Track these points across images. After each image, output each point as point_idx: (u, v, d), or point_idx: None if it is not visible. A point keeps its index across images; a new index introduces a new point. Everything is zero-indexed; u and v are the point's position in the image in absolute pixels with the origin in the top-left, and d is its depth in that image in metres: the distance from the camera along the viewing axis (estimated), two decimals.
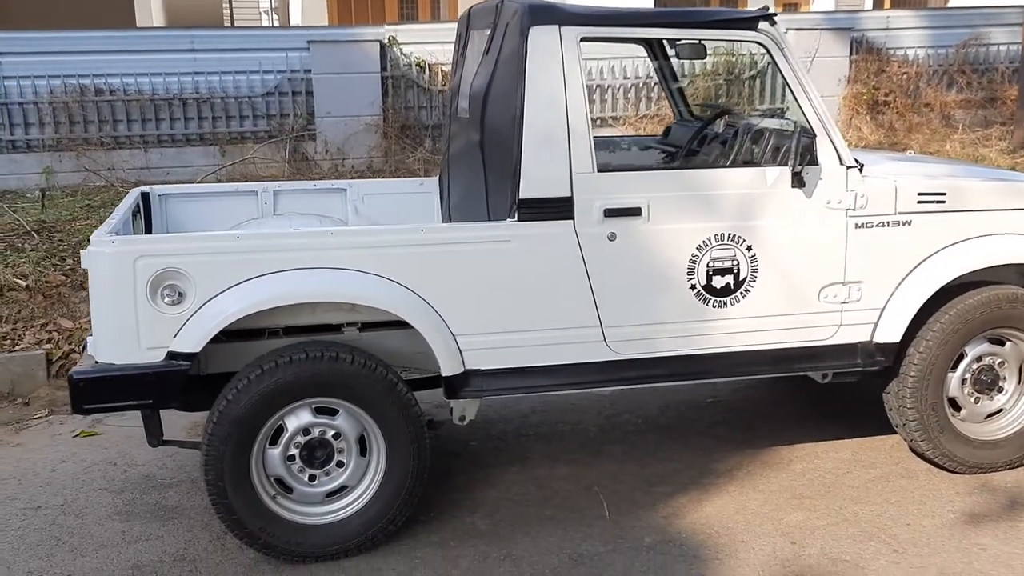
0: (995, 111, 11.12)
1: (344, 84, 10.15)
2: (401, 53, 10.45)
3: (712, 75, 10.84)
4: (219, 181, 9.42)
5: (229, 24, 22.69)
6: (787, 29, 11.03)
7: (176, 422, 4.40)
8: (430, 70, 10.46)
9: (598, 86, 10.78)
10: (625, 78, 10.79)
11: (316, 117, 10.18)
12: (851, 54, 11.10)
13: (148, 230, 4.28)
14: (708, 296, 3.61)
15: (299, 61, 10.21)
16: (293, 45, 10.28)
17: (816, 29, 10.93)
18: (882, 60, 11.23)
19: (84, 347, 3.55)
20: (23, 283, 5.72)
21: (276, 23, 23.25)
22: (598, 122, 10.87)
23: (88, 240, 3.25)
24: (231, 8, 23.68)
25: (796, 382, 4.60)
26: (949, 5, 16.61)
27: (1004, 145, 9.80)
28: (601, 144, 4.59)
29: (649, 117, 10.83)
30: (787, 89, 3.63)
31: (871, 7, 16.37)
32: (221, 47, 10.23)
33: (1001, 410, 3.97)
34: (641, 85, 10.84)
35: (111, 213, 7.21)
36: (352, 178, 9.58)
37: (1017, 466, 3.98)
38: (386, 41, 10.39)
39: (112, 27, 11.62)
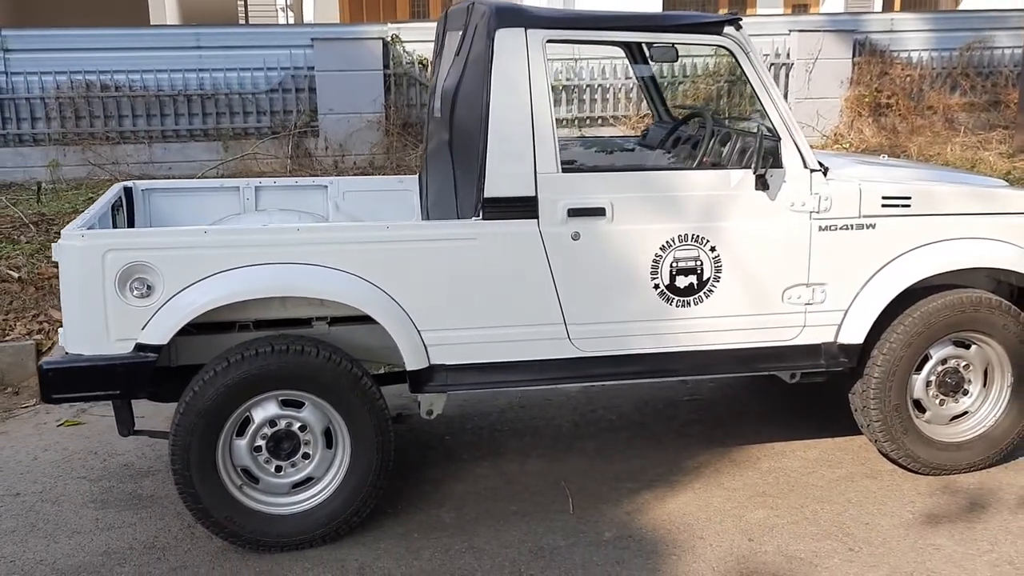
0: (998, 114, 11.09)
1: (347, 81, 10.24)
2: (404, 51, 10.53)
3: (714, 75, 10.87)
4: (221, 176, 9.54)
5: (244, 21, 22.86)
6: (790, 31, 11.04)
7: (161, 411, 4.49)
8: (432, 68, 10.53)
9: (599, 86, 10.83)
10: (627, 78, 10.83)
11: (319, 114, 10.27)
12: (854, 56, 11.10)
13: (131, 225, 4.36)
14: (671, 296, 3.66)
15: (303, 58, 10.30)
16: (297, 42, 10.38)
17: (819, 31, 10.93)
18: (885, 62, 11.22)
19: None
20: (16, 275, 5.83)
21: (291, 20, 23.39)
22: (599, 121, 10.92)
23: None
24: (246, 5, 23.84)
25: (772, 381, 4.63)
26: (962, 8, 16.55)
27: (1004, 149, 9.78)
28: (575, 144, 4.67)
29: (650, 117, 10.86)
30: (753, 92, 3.67)
31: (881, 8, 16.31)
32: (227, 44, 10.35)
33: (966, 412, 4.00)
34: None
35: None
36: (354, 174, 9.68)
37: (980, 468, 4.01)
38: (389, 39, 10.47)
39: (126, 25, 11.78)
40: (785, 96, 10.92)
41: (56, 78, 9.80)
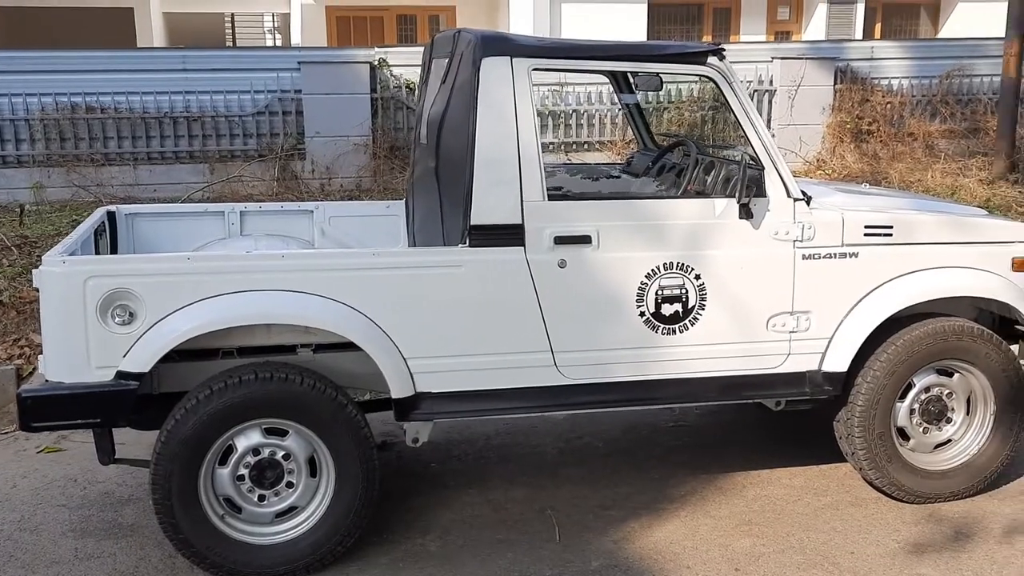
0: (977, 141, 11.20)
1: (334, 105, 10.26)
2: (391, 75, 10.56)
3: (697, 103, 10.94)
4: (207, 199, 9.52)
5: (231, 44, 22.91)
6: (773, 58, 11.14)
7: (142, 439, 4.45)
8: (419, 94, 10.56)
9: (585, 111, 10.88)
10: (613, 104, 10.88)
11: (306, 137, 10.27)
12: (835, 83, 11.20)
13: (114, 250, 4.34)
14: (657, 323, 3.66)
15: (290, 81, 10.31)
16: (284, 65, 10.40)
17: (801, 58, 11.03)
18: (866, 89, 11.33)
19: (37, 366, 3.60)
20: None
21: (279, 42, 23.44)
22: (585, 147, 10.97)
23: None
24: (233, 28, 23.89)
25: (756, 408, 4.64)
26: (943, 35, 16.75)
27: (984, 175, 9.87)
28: (561, 171, 4.68)
29: (636, 143, 10.91)
30: (736, 122, 3.69)
31: (861, 36, 16.49)
32: (213, 67, 10.36)
33: (949, 440, 4.01)
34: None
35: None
36: (340, 198, 9.67)
37: (964, 496, 4.01)
38: (376, 63, 10.50)
39: (113, 47, 11.79)
40: (768, 123, 11.01)
41: (41, 99, 9.78)
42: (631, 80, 4.70)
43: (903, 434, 3.96)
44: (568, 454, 4.60)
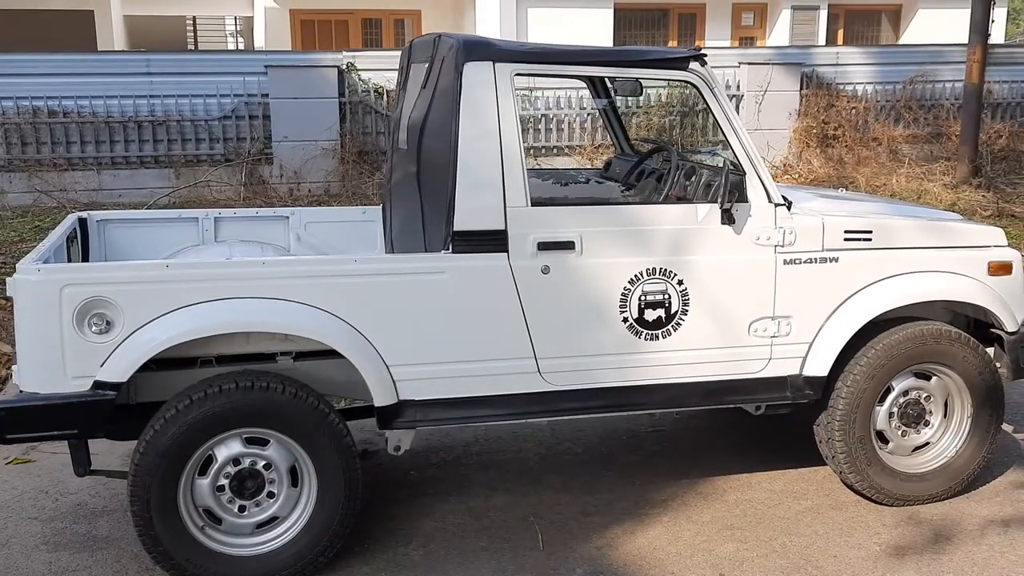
0: (940, 146, 11.38)
1: (302, 109, 10.19)
2: (359, 79, 10.51)
3: (666, 107, 10.99)
4: (173, 204, 9.41)
5: (193, 47, 22.68)
6: (740, 63, 11.24)
7: (114, 449, 4.38)
8: (388, 96, 10.51)
9: (554, 116, 10.89)
10: (582, 108, 10.92)
11: (273, 141, 10.20)
12: (801, 88, 11.33)
13: (85, 257, 4.26)
14: (640, 329, 3.66)
15: (257, 85, 10.24)
16: (251, 69, 10.32)
17: (768, 64, 11.14)
18: (832, 95, 11.47)
19: (10, 375, 3.52)
20: None
21: (241, 46, 23.25)
22: (554, 151, 10.98)
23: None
24: (195, 31, 23.66)
25: (734, 412, 4.66)
26: (897, 43, 16.99)
27: (947, 180, 10.01)
28: (540, 176, 4.67)
29: (605, 147, 10.95)
30: (718, 127, 3.70)
31: (824, 42, 16.68)
32: (178, 70, 10.25)
33: (927, 443, 4.04)
34: (597, 116, 10.95)
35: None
36: (309, 203, 9.61)
37: (942, 499, 4.05)
38: (344, 67, 10.45)
39: (73, 50, 11.61)
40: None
41: (2, 103, 9.60)
42: (608, 85, 4.70)
43: (882, 437, 3.99)
44: (548, 460, 4.59)
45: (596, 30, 15.71)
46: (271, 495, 3.43)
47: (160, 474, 3.24)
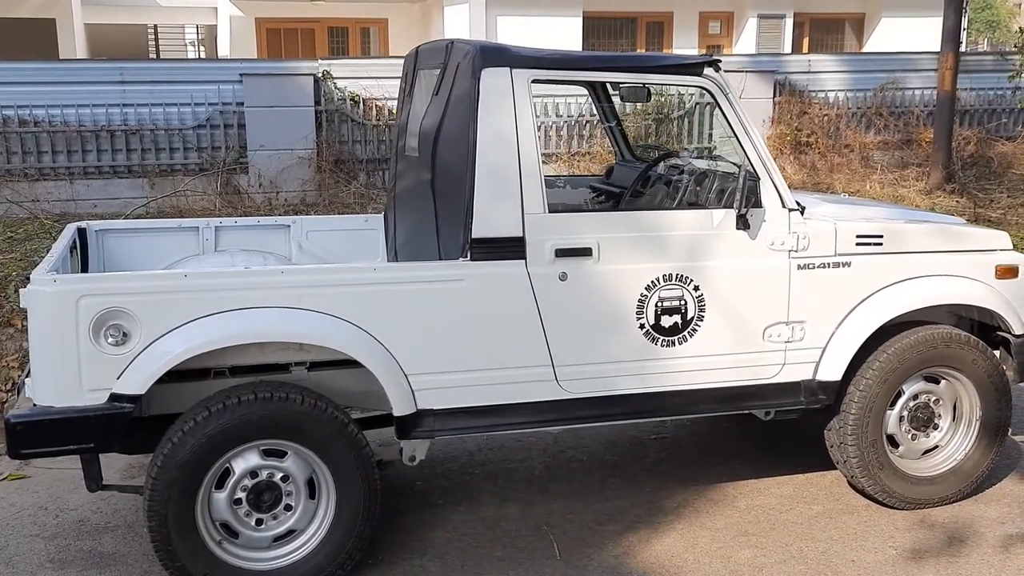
0: (911, 152, 11.54)
1: (277, 117, 10.07)
2: (335, 87, 10.41)
3: (642, 115, 11.03)
4: (148, 214, 9.25)
5: (155, 56, 22.40)
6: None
7: (110, 464, 4.27)
8: (364, 105, 10.44)
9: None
10: (558, 116, 10.92)
11: (248, 150, 10.06)
12: (775, 96, 11.42)
13: (84, 267, 4.16)
14: (657, 335, 3.65)
15: (231, 94, 10.10)
16: (225, 78, 10.17)
17: (742, 71, 11.22)
18: (804, 102, 11.58)
19: (20, 388, 3.42)
20: None
21: (203, 55, 23.00)
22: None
23: (16, 275, 3.15)
24: (157, 40, 23.37)
25: (735, 418, 4.67)
26: (867, 50, 17.24)
27: (921, 186, 10.15)
28: (549, 184, 4.64)
29: (582, 154, 10.96)
30: (732, 132, 3.71)
31: (790, 50, 16.87)
32: (151, 79, 10.07)
33: (937, 447, 4.08)
34: (574, 123, 10.97)
35: (35, 246, 6.96)
36: (285, 212, 9.49)
37: (952, 501, 4.08)
38: (320, 75, 10.35)
39: (35, 59, 11.40)
40: (710, 135, 11.17)
41: None
42: (610, 93, 4.70)
43: (893, 441, 4.01)
44: (554, 468, 4.56)
45: (565, 38, 15.72)
46: (288, 508, 3.38)
47: (178, 488, 3.17)
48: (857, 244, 3.82)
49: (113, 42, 20.84)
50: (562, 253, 3.50)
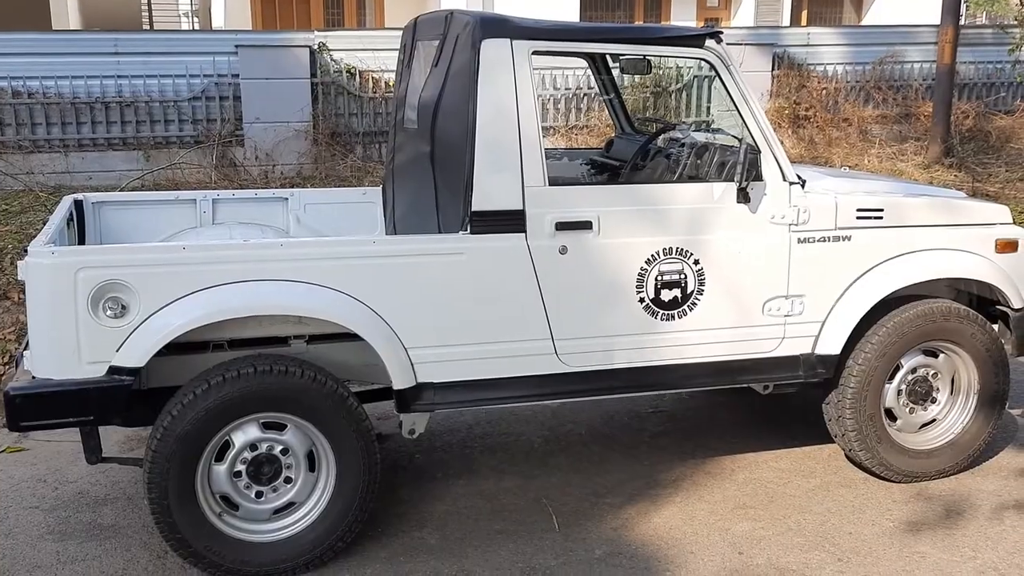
0: (910, 126, 11.49)
1: (273, 89, 9.99)
2: (331, 59, 10.33)
3: (640, 88, 10.97)
4: (144, 186, 9.20)
5: (148, 27, 22.20)
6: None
7: (107, 436, 4.26)
8: (360, 77, 10.37)
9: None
10: (555, 88, 10.86)
11: (244, 122, 9.99)
12: (773, 69, 11.36)
13: (81, 240, 4.14)
14: (657, 309, 3.64)
15: (227, 65, 10.01)
16: (221, 49, 10.08)
17: (741, 44, 11.15)
18: (803, 75, 11.51)
19: (18, 361, 3.41)
20: None
21: (196, 26, 22.80)
22: None
23: (12, 248, 3.13)
24: (150, 11, 23.16)
25: (732, 391, 4.68)
26: (866, 23, 17.15)
27: (920, 160, 10.12)
28: (549, 156, 4.62)
29: (579, 128, 10.91)
30: (733, 105, 3.69)
31: (788, 23, 16.77)
32: (146, 50, 9.97)
33: (934, 420, 4.09)
34: (571, 96, 10.91)
35: (31, 219, 6.92)
36: (281, 184, 9.45)
37: (949, 475, 4.10)
38: (316, 47, 10.26)
39: (27, 29, 11.29)
40: (708, 108, 11.12)
41: None
42: (610, 65, 4.67)
43: (890, 415, 4.02)
44: (553, 442, 4.57)
45: (562, 10, 15.59)
46: (288, 480, 3.38)
47: (178, 460, 3.17)
48: (858, 218, 3.81)
49: (106, 13, 20.64)
50: (562, 226, 3.49)
